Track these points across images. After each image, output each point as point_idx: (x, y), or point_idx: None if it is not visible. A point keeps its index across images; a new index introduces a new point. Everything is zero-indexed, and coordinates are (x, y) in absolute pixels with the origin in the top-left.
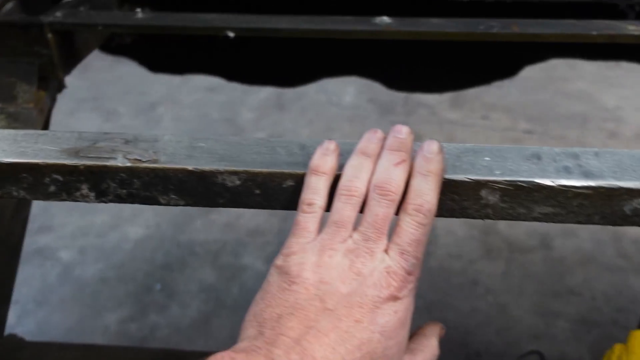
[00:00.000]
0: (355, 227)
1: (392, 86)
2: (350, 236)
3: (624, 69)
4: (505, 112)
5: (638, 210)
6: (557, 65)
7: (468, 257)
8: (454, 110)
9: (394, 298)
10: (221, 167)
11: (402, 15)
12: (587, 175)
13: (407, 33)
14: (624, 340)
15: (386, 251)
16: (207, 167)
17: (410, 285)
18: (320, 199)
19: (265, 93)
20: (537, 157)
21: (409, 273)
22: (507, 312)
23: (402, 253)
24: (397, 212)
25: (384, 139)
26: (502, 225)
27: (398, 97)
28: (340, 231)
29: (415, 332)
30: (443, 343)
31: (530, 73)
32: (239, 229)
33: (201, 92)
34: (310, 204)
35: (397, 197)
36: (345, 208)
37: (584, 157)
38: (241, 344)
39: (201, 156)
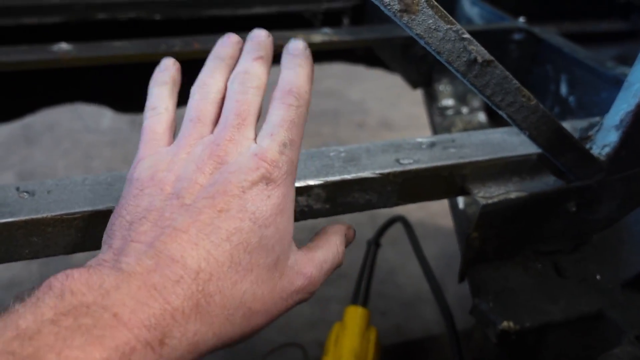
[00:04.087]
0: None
1: (119, 109)
2: (211, 132)
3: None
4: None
5: None
6: None
7: None
8: None
9: (266, 181)
10: None
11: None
12: None
13: (87, 59)
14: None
15: (254, 140)
16: None
17: (285, 168)
18: (164, 103)
19: (7, 128)
20: None
21: (281, 153)
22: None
23: (272, 134)
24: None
25: (240, 42)
26: None
27: None
28: (197, 126)
29: (318, 231)
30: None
31: None
32: None
33: None
34: (153, 108)
35: (261, 84)
36: (200, 103)
37: None
38: (87, 263)
39: None
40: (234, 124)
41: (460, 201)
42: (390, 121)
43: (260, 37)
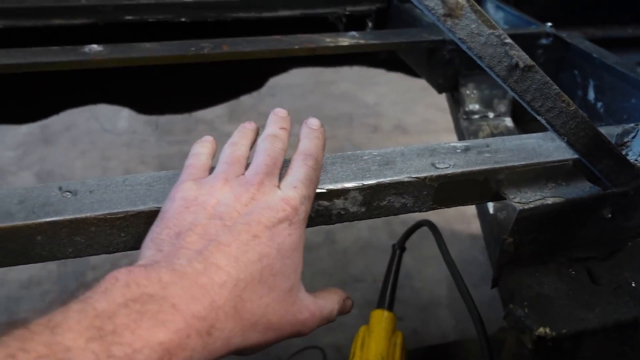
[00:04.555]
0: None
1: (141, 110)
2: (243, 173)
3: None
4: None
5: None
6: (323, 70)
7: None
8: (232, 123)
9: (289, 222)
10: None
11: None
12: None
13: (118, 60)
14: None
15: (278, 187)
16: None
17: (302, 215)
18: (205, 154)
19: (26, 128)
20: None
21: (301, 203)
22: None
23: (295, 187)
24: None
25: (257, 128)
26: None
27: (175, 116)
28: (232, 167)
29: (323, 288)
30: None
31: (300, 79)
32: (9, 283)
33: None
34: (196, 154)
35: (284, 147)
36: (234, 154)
37: None
38: (139, 262)
39: None
40: (265, 171)
41: (490, 206)
42: (405, 125)
43: (283, 113)
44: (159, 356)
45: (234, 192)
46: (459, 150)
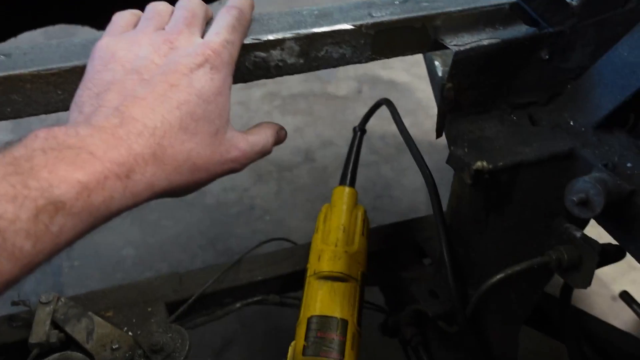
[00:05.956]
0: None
1: (102, 28)
2: (165, 25)
3: None
4: None
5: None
6: None
7: (242, 187)
8: None
9: (210, 65)
10: None
11: None
12: None
13: None
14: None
15: (201, 37)
16: None
17: (226, 59)
18: (129, 12)
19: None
20: None
21: (223, 47)
22: (284, 225)
23: (217, 33)
24: None
25: None
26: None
27: None
28: (152, 22)
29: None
30: None
31: None
32: None
33: None
34: (121, 12)
35: (204, 6)
36: (154, 9)
37: None
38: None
39: None
40: (184, 23)
41: (439, 70)
42: None
43: None
44: (76, 191)
45: (153, 45)
46: (397, 2)
